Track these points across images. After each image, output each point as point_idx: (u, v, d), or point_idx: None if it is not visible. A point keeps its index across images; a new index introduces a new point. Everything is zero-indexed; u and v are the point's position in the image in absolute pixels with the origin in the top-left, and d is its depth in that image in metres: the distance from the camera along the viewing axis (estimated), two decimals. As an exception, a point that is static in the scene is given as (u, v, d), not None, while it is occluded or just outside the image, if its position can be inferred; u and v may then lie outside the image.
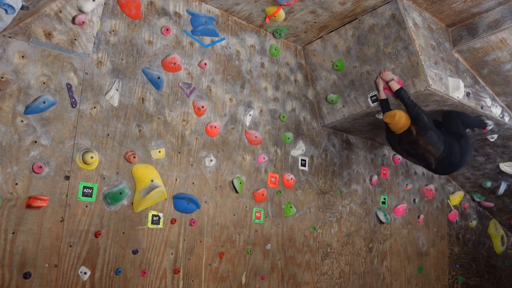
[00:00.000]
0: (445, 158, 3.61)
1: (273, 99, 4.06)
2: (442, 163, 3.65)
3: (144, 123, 3.21)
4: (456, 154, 3.65)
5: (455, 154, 3.64)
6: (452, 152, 3.63)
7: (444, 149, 3.58)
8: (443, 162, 3.64)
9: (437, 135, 3.55)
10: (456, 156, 3.65)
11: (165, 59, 3.36)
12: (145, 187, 3.12)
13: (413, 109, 3.53)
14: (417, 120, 3.51)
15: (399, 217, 5.09)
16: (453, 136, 3.72)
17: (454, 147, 3.64)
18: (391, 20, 3.60)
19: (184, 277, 3.28)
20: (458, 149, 3.67)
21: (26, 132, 2.69)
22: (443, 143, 3.58)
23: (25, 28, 2.68)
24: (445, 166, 3.72)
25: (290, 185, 4.05)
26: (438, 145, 3.54)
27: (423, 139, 3.49)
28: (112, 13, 3.14)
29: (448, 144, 3.61)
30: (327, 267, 4.27)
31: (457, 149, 3.66)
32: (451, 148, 3.63)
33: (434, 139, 3.53)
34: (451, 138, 3.69)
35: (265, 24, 3.96)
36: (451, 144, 3.63)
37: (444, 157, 3.61)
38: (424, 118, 3.51)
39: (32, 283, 2.62)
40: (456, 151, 3.65)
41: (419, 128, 3.50)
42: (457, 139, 3.71)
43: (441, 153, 3.57)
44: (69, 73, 2.90)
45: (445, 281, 5.59)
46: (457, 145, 3.66)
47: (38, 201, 2.62)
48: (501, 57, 3.82)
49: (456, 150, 3.66)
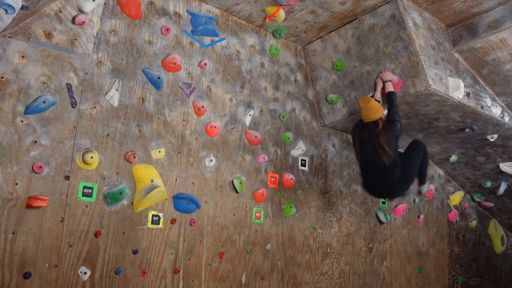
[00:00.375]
0: (388, 170, 3.44)
1: (273, 99, 4.06)
2: (384, 173, 3.46)
3: (144, 123, 3.21)
4: (395, 176, 3.47)
5: (395, 175, 3.46)
6: (395, 171, 3.45)
7: (393, 161, 3.42)
8: (385, 173, 3.45)
9: (396, 146, 3.47)
10: (394, 178, 3.47)
11: (165, 59, 3.36)
12: (145, 187, 3.12)
13: (394, 113, 3.51)
14: (391, 123, 3.46)
15: (399, 217, 5.09)
16: (405, 163, 3.57)
17: (398, 170, 3.47)
18: (391, 20, 3.60)
19: (184, 277, 3.28)
20: (399, 173, 3.48)
21: (26, 132, 2.69)
22: (396, 156, 3.46)
23: (25, 28, 2.68)
24: (383, 179, 3.50)
25: (290, 185, 4.05)
26: (393, 152, 3.41)
27: (385, 136, 3.39)
28: (112, 13, 3.14)
29: (397, 163, 3.46)
30: (327, 267, 4.27)
31: (399, 173, 3.48)
32: (396, 167, 3.46)
33: (393, 145, 3.43)
34: (402, 162, 3.55)
35: (265, 24, 3.96)
36: (399, 165, 3.47)
37: (388, 168, 3.43)
38: (398, 125, 3.46)
39: (32, 283, 2.62)
40: (397, 174, 3.47)
41: (387, 128, 3.43)
42: (406, 169, 3.56)
43: (390, 162, 3.40)
44: (69, 73, 2.90)
45: (445, 281, 5.59)
46: (401, 171, 3.49)
47: (38, 201, 2.62)
48: (501, 57, 3.82)
49: (397, 174, 3.47)
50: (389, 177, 3.48)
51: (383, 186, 3.57)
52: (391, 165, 3.42)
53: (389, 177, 3.48)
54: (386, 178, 3.49)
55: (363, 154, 3.59)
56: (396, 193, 3.69)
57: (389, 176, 3.47)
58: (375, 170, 3.52)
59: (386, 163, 3.40)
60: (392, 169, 3.45)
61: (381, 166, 3.44)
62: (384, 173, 3.46)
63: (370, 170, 3.58)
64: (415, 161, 3.67)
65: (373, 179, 3.60)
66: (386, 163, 3.40)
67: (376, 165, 3.46)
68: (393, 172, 3.46)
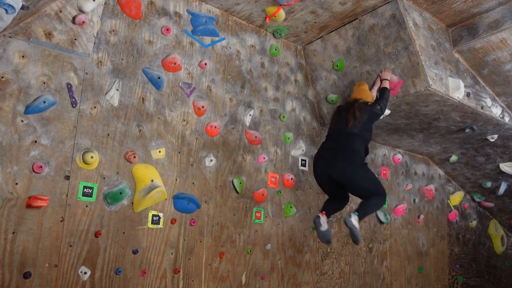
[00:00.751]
0: (347, 138, 3.32)
1: (273, 99, 4.06)
2: (340, 139, 3.35)
3: (144, 123, 3.21)
4: (348, 148, 3.30)
5: (350, 145, 3.30)
6: (352, 143, 3.31)
7: (356, 134, 3.32)
8: (342, 139, 3.34)
9: (368, 126, 3.43)
10: (346, 148, 3.30)
11: (165, 59, 3.36)
12: (145, 187, 3.12)
13: (382, 101, 3.51)
14: (374, 104, 3.48)
15: (399, 217, 5.09)
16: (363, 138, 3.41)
17: (355, 144, 3.31)
18: (391, 20, 3.60)
19: (184, 277, 3.28)
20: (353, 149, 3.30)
21: (26, 132, 2.69)
22: (361, 135, 3.36)
23: (25, 28, 2.68)
24: (337, 143, 3.36)
25: (290, 185, 4.05)
26: (361, 126, 3.35)
27: (361, 106, 3.40)
28: (112, 13, 3.14)
29: (359, 140, 3.34)
30: (327, 267, 4.27)
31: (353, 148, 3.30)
32: (355, 140, 3.32)
33: (365, 121, 3.37)
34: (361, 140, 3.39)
35: (265, 24, 3.96)
36: (358, 143, 3.34)
37: (348, 137, 3.32)
38: (377, 106, 3.45)
39: (32, 283, 2.62)
40: (352, 146, 3.30)
41: (367, 104, 3.45)
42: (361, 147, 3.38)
43: (353, 133, 3.32)
44: (69, 73, 2.90)
45: (445, 281, 5.59)
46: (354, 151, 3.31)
47: (38, 201, 2.62)
48: (501, 57, 3.82)
49: (352, 146, 3.30)
50: (343, 145, 3.32)
51: (331, 151, 3.35)
52: (352, 136, 3.32)
53: (343, 145, 3.32)
54: (341, 144, 3.34)
55: (334, 123, 3.56)
56: (336, 163, 3.29)
57: (344, 144, 3.32)
58: (335, 135, 3.44)
59: (350, 129, 3.33)
60: (350, 139, 3.32)
61: (342, 133, 3.37)
62: (341, 139, 3.36)
63: (331, 136, 3.50)
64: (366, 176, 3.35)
65: (327, 143, 3.48)
66: (349, 130, 3.33)
67: (339, 131, 3.41)
68: (350, 143, 3.31)
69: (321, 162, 3.37)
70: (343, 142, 3.34)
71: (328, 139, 3.50)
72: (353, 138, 3.33)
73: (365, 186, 3.28)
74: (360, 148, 3.33)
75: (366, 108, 3.41)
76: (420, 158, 5.51)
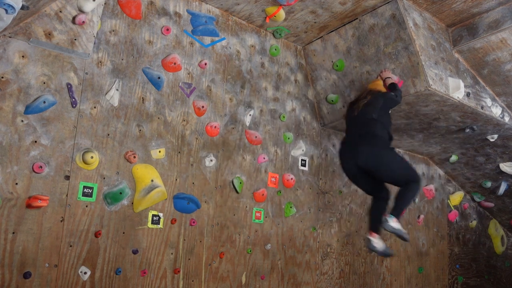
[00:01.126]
0: (369, 122, 3.23)
1: (273, 99, 4.06)
2: (362, 125, 3.27)
3: (144, 123, 3.21)
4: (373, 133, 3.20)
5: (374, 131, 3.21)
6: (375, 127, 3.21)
7: (376, 117, 3.20)
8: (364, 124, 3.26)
9: (383, 109, 3.28)
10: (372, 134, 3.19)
11: (165, 59, 3.36)
12: (145, 187, 3.12)
13: (395, 91, 3.38)
14: (387, 92, 3.37)
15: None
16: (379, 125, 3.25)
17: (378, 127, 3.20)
18: (391, 20, 3.60)
19: (184, 277, 3.28)
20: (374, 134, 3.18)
21: (26, 132, 2.69)
22: (378, 116, 3.23)
23: (25, 28, 2.68)
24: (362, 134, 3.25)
25: (290, 185, 4.05)
26: (377, 110, 3.25)
27: (376, 94, 3.34)
28: (112, 13, 3.14)
29: (377, 120, 3.24)
30: (327, 267, 4.27)
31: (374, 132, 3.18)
32: (376, 124, 3.21)
33: (379, 102, 3.27)
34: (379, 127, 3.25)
35: (265, 24, 3.96)
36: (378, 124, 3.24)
37: (369, 120, 3.24)
38: (392, 94, 3.30)
39: (32, 283, 2.62)
40: (377, 131, 3.18)
41: (383, 92, 3.37)
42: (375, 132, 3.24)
43: (372, 116, 3.23)
44: (69, 73, 2.90)
45: (445, 281, 5.59)
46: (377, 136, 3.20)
47: (38, 201, 2.62)
48: (501, 57, 3.82)
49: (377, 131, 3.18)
50: (364, 131, 3.24)
51: (353, 141, 3.29)
52: (371, 121, 3.22)
53: (364, 131, 3.24)
54: (361, 130, 3.26)
55: (350, 115, 3.50)
56: (361, 150, 3.19)
57: (365, 130, 3.23)
58: (354, 124, 3.36)
59: (368, 114, 3.23)
60: (370, 124, 3.21)
61: (360, 121, 3.30)
62: (360, 126, 3.29)
63: (349, 127, 3.43)
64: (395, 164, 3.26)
65: (347, 135, 3.40)
66: (368, 115, 3.24)
67: (357, 120, 3.33)
68: (370, 127, 3.20)
69: (346, 155, 3.29)
70: (363, 128, 3.24)
71: (348, 131, 3.42)
72: (373, 123, 3.23)
73: (395, 170, 3.15)
74: (381, 132, 3.21)
75: (380, 94, 3.36)
76: (420, 158, 5.51)
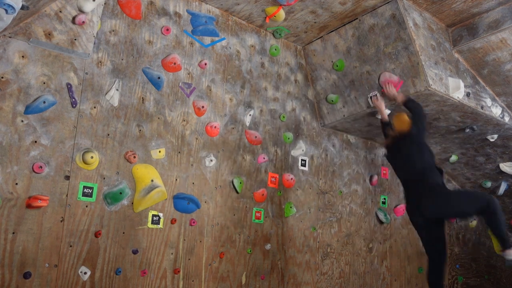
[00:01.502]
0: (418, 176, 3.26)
1: (273, 99, 4.06)
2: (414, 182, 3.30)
3: (144, 123, 3.21)
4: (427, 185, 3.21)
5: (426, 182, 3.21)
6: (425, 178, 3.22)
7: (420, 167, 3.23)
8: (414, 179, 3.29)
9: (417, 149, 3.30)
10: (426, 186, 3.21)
11: (165, 59, 3.36)
12: (145, 187, 3.12)
13: (416, 121, 3.37)
14: (410, 132, 3.36)
15: (399, 217, 5.08)
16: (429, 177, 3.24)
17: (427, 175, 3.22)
18: (391, 20, 3.60)
19: (184, 277, 3.28)
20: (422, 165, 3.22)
21: (26, 132, 2.69)
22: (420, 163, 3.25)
23: (25, 28, 2.68)
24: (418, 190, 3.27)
25: (290, 185, 4.05)
26: (414, 158, 3.28)
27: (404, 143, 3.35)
28: (112, 13, 3.14)
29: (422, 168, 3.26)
30: (327, 267, 4.27)
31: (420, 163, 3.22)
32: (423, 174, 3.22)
33: (413, 151, 3.30)
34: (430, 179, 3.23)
35: (265, 24, 3.96)
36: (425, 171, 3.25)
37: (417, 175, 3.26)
38: (415, 130, 3.34)
39: (32, 283, 2.62)
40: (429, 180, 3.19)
41: (408, 136, 3.37)
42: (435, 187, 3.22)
43: (416, 168, 3.27)
44: (69, 73, 2.90)
45: (445, 281, 5.59)
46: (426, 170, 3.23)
47: (38, 201, 2.62)
48: (501, 57, 3.82)
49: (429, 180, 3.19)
50: (418, 186, 3.25)
51: (413, 197, 3.31)
52: (418, 174, 3.25)
53: (418, 186, 3.25)
54: (415, 186, 3.27)
55: (396, 167, 3.53)
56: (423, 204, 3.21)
57: (418, 185, 3.25)
58: (407, 182, 3.38)
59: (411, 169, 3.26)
60: (420, 177, 3.23)
61: (409, 178, 3.34)
62: (412, 183, 3.31)
63: (404, 184, 3.44)
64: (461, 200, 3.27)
65: (406, 192, 3.43)
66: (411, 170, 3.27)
67: (406, 177, 3.38)
68: (422, 181, 3.21)
69: (413, 211, 3.35)
70: (416, 183, 3.28)
71: (404, 187, 3.47)
72: (420, 175, 3.25)
73: (463, 208, 3.20)
74: (432, 178, 3.23)
75: (409, 139, 3.36)
76: (420, 158, 5.50)
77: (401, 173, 3.50)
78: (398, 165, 3.52)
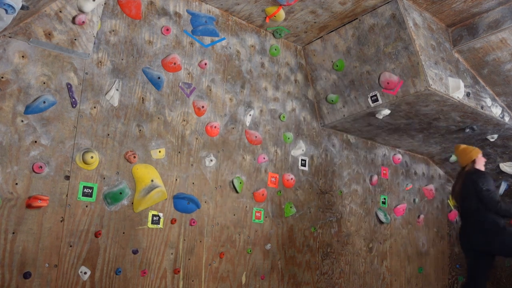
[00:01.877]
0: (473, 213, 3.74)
1: (273, 99, 4.06)
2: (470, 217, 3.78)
3: (144, 123, 3.21)
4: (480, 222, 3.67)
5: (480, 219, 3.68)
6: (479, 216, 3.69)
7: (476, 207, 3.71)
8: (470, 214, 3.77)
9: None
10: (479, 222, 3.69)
11: (165, 59, 3.36)
12: (145, 187, 3.12)
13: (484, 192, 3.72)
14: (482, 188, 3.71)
15: (399, 217, 5.09)
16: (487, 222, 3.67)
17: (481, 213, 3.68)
18: (391, 20, 3.60)
19: (184, 277, 3.28)
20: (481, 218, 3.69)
21: (26, 132, 2.69)
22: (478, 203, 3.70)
23: (25, 28, 2.68)
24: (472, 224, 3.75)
25: (290, 185, 4.05)
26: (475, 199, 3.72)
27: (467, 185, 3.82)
28: (112, 13, 3.14)
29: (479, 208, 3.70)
30: (327, 267, 4.27)
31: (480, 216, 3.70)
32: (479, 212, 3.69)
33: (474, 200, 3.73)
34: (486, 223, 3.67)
35: (265, 24, 3.96)
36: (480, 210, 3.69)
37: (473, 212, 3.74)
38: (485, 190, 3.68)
39: (32, 283, 2.62)
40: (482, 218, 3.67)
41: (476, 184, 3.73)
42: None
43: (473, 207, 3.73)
44: (69, 73, 2.90)
45: (445, 281, 5.59)
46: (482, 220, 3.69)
47: (38, 201, 2.62)
48: (501, 57, 3.82)
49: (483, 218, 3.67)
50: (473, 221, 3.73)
51: (466, 230, 3.81)
52: (475, 211, 3.71)
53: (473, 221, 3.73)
54: (471, 220, 3.76)
55: (457, 199, 4.00)
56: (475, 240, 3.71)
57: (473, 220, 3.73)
58: (464, 215, 3.85)
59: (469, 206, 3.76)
60: (475, 214, 3.71)
61: (467, 213, 3.80)
62: (468, 217, 3.79)
63: (462, 215, 3.91)
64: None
65: (461, 222, 3.93)
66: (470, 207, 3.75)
67: (465, 211, 3.85)
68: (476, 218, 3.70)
69: (464, 242, 3.85)
70: (471, 218, 3.77)
71: (461, 218, 3.93)
72: (476, 212, 3.70)
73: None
74: (486, 217, 3.65)
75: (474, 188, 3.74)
76: (420, 158, 5.51)
77: (461, 206, 4.00)
78: (461, 199, 3.98)
